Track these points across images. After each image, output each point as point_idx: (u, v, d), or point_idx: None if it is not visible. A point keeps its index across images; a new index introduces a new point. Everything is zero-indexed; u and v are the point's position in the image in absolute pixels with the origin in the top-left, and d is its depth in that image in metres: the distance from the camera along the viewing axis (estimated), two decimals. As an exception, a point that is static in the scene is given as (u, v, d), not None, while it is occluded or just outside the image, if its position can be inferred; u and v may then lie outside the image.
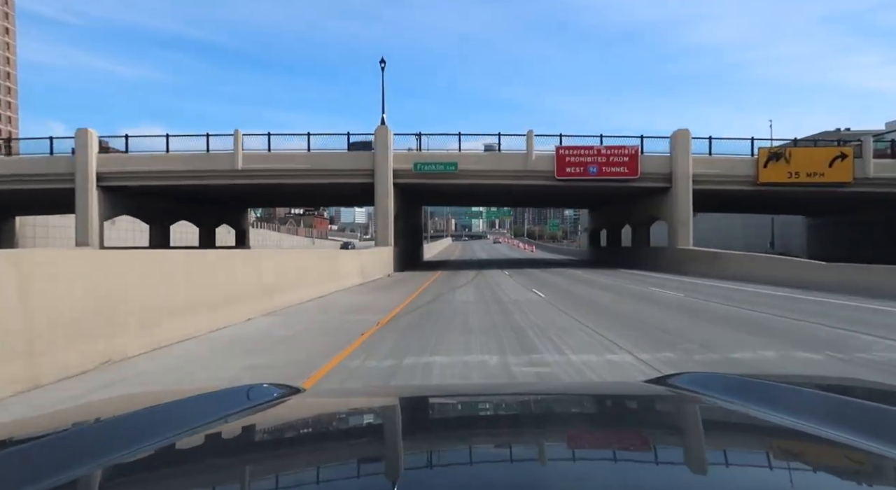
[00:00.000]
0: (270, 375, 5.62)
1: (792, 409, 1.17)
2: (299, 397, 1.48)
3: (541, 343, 7.73)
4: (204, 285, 8.76)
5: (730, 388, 1.42)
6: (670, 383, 1.56)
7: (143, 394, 1.93)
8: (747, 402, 1.27)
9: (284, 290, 12.09)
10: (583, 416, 1.46)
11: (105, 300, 6.31)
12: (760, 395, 1.31)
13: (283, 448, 1.15)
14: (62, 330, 5.58)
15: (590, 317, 10.61)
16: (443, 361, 6.50)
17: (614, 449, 1.10)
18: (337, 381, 5.62)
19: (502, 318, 10.37)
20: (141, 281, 7.13)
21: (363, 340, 7.96)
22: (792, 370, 6.12)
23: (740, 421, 1.25)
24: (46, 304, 5.41)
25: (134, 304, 6.84)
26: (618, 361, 6.51)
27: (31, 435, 1.16)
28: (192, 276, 8.47)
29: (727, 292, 15.94)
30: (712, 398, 1.36)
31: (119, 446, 0.97)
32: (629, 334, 8.42)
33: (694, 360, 6.55)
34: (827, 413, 1.13)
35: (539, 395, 1.83)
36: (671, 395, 1.50)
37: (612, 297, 15.02)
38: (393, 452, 1.09)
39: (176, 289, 7.90)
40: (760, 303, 13.08)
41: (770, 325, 9.54)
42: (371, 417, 1.45)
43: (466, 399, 1.74)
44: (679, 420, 1.38)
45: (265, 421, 1.30)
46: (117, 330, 6.44)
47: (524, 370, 6.03)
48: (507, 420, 1.42)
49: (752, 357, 6.75)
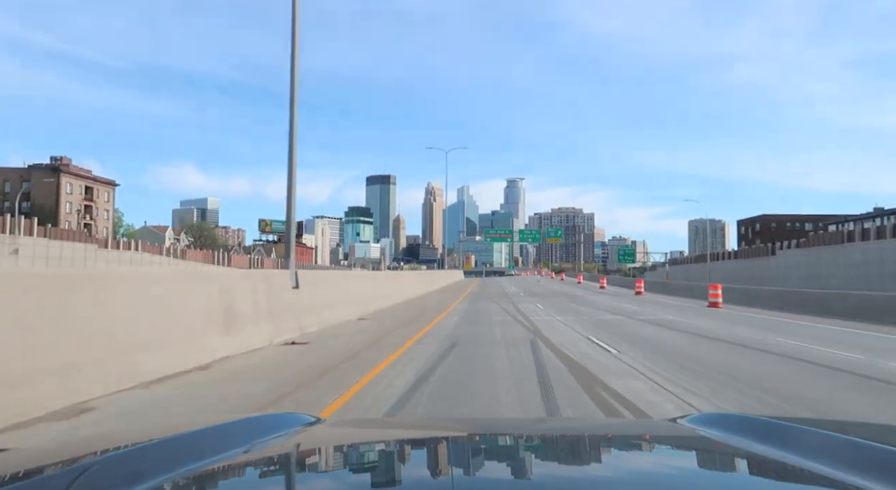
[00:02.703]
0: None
1: (812, 452, 1.16)
2: (320, 427, 1.58)
3: None
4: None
5: (751, 429, 1.41)
6: (690, 423, 1.58)
7: (168, 424, 2.50)
8: (766, 444, 1.26)
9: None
10: (603, 455, 1.47)
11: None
12: (781, 438, 1.30)
13: (300, 479, 1.18)
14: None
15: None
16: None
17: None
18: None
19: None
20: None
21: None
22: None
23: (759, 463, 1.25)
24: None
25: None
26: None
27: (63, 460, 1.22)
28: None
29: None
30: (731, 439, 1.36)
31: (133, 480, 0.98)
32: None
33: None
34: (855, 460, 1.10)
35: (560, 432, 1.84)
36: (690, 436, 1.52)
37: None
38: (408, 487, 1.11)
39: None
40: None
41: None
42: (388, 450, 1.48)
43: (488, 435, 1.70)
44: (696, 460, 1.39)
45: (284, 451, 1.36)
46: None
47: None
48: (526, 458, 1.43)
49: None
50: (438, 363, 8.12)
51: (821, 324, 14.50)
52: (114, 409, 5.14)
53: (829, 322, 14.74)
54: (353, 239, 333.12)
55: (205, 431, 1.32)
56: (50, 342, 5.13)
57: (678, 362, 8.32)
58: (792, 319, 15.81)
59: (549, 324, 14.30)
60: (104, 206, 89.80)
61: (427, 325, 13.63)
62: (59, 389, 5.05)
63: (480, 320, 14.93)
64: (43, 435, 4.34)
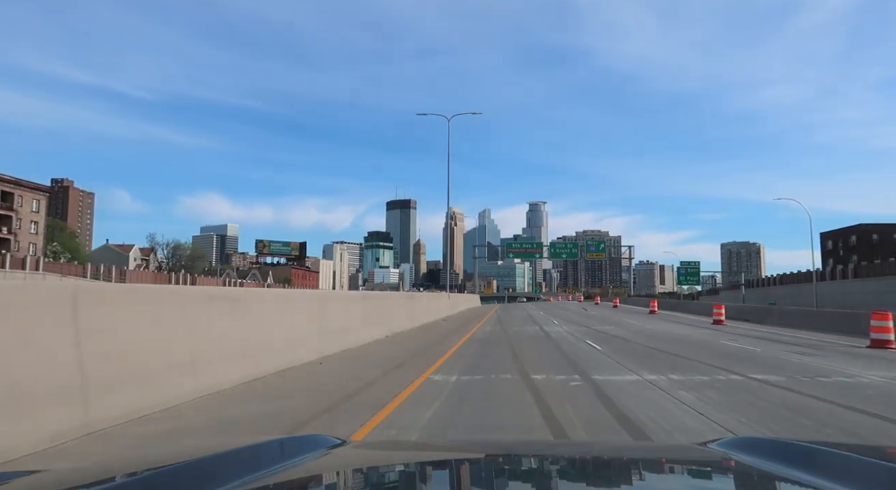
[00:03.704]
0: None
1: (837, 475, 1.13)
2: (345, 449, 1.60)
3: None
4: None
5: (781, 453, 1.39)
6: (721, 447, 1.56)
7: (197, 446, 2.56)
8: (796, 468, 1.23)
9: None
10: (631, 480, 1.42)
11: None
12: (812, 462, 1.27)
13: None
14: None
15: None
16: None
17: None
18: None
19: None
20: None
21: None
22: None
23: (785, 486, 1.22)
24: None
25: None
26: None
27: (95, 481, 1.25)
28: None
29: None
30: (762, 464, 1.32)
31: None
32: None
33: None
34: (879, 483, 1.08)
35: (589, 455, 1.79)
36: (720, 461, 1.48)
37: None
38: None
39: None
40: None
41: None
42: (410, 472, 1.47)
43: (511, 456, 1.69)
44: (725, 484, 1.37)
45: (309, 473, 1.38)
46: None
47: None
48: (551, 481, 1.39)
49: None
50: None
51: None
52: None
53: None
54: (372, 265, 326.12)
55: (232, 454, 1.36)
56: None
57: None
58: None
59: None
60: (30, 217, 73.13)
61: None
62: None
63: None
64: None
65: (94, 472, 1.42)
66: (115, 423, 4.92)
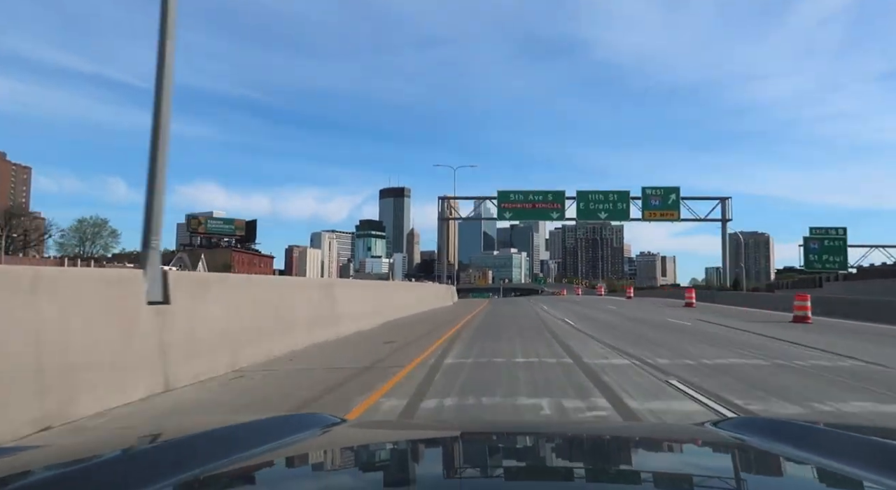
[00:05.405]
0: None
1: (836, 454, 1.13)
2: (343, 427, 1.61)
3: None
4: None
5: (780, 432, 1.40)
6: (718, 427, 1.55)
7: (200, 422, 2.72)
8: (797, 447, 1.23)
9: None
10: (629, 458, 1.43)
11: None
12: (810, 441, 1.27)
13: (321, 478, 1.20)
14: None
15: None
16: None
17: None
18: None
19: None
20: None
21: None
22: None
23: (789, 465, 1.22)
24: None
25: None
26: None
27: (95, 454, 1.24)
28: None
29: None
30: (759, 442, 1.33)
31: (158, 475, 1.00)
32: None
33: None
34: (881, 462, 1.06)
35: (587, 435, 1.78)
36: (718, 440, 1.48)
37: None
38: (423, 486, 1.09)
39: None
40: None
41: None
42: (406, 450, 1.48)
43: (509, 436, 1.68)
44: (724, 463, 1.36)
45: (307, 450, 1.39)
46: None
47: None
48: (551, 460, 1.40)
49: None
50: None
51: None
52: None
53: None
54: (364, 254, 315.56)
55: (232, 429, 1.38)
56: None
57: None
58: None
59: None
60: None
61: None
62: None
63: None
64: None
65: (89, 448, 1.45)
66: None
